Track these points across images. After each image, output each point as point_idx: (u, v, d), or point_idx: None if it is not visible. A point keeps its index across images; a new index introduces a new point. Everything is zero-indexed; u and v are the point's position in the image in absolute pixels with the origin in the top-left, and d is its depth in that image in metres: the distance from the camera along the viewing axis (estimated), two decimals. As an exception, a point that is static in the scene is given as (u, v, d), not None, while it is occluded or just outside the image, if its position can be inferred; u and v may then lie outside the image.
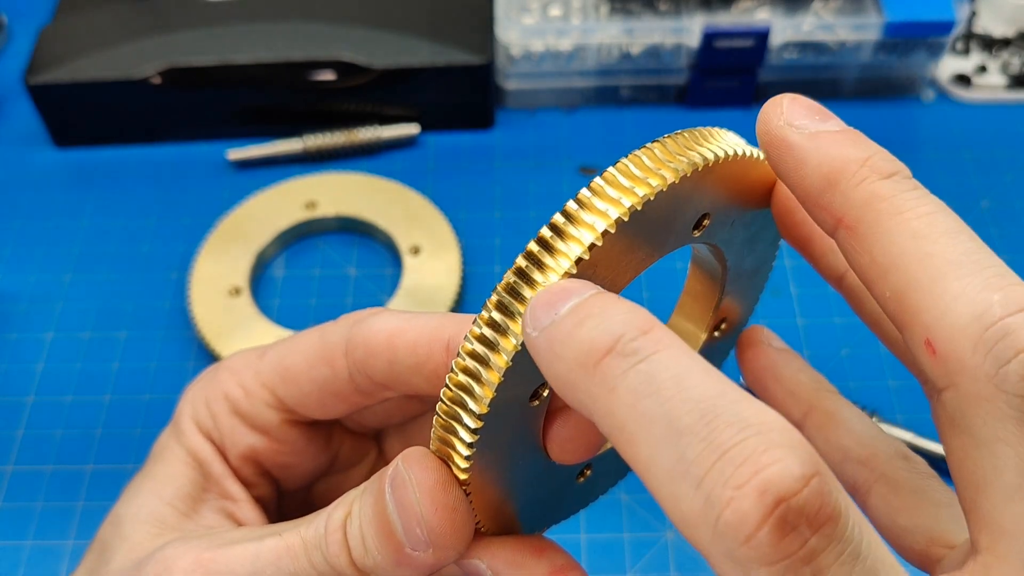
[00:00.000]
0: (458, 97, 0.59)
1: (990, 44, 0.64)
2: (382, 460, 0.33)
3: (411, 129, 0.60)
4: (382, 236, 0.55)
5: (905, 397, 0.47)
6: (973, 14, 0.66)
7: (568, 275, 0.19)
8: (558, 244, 0.19)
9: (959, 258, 0.17)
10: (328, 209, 0.55)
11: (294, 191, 0.56)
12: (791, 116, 0.20)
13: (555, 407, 0.24)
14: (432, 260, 0.53)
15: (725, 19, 0.58)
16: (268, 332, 0.50)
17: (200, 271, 0.52)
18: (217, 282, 0.52)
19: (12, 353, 0.51)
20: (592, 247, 0.19)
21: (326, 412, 0.29)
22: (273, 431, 0.30)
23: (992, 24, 0.66)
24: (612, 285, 0.21)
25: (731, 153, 0.20)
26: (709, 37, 0.57)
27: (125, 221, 0.57)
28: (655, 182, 0.19)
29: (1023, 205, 0.57)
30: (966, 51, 0.64)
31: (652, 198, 0.19)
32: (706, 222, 0.22)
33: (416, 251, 0.53)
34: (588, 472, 0.27)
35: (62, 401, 0.49)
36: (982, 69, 0.63)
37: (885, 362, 0.49)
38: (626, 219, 0.19)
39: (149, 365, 0.50)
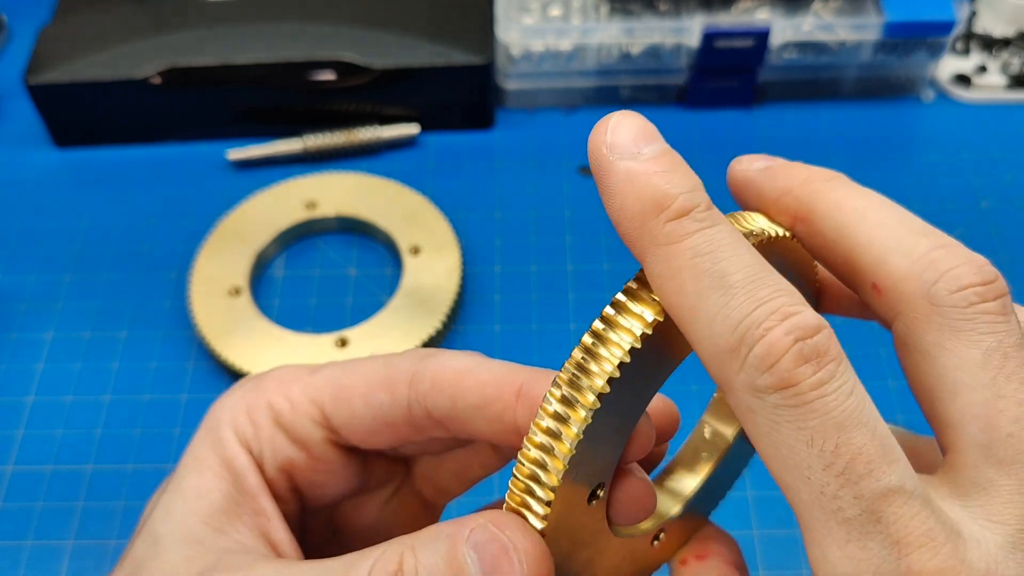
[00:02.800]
0: (458, 97, 0.59)
1: (990, 44, 0.64)
2: (410, 483, 0.33)
3: (411, 129, 0.60)
4: (382, 236, 0.55)
5: (905, 397, 0.47)
6: (973, 14, 0.66)
7: (632, 349, 0.21)
8: (610, 335, 0.21)
9: (887, 221, 0.22)
10: (328, 209, 0.55)
11: (294, 191, 0.56)
12: (749, 163, 0.24)
13: (618, 471, 0.24)
14: (432, 260, 0.53)
15: (725, 19, 0.58)
16: (268, 332, 0.50)
17: (200, 271, 0.52)
18: (217, 282, 0.52)
19: (12, 353, 0.51)
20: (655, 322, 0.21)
21: (372, 441, 0.29)
22: (313, 447, 0.29)
23: (992, 24, 0.66)
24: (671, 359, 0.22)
25: (771, 234, 0.23)
26: (709, 37, 0.57)
27: (125, 221, 0.57)
28: None
29: (1023, 205, 0.57)
30: (966, 51, 0.64)
31: None
32: None
33: (416, 251, 0.53)
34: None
35: (62, 401, 0.49)
36: (982, 69, 0.63)
37: (885, 362, 0.49)
38: None
39: (149, 365, 0.50)
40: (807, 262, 0.25)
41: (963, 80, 0.63)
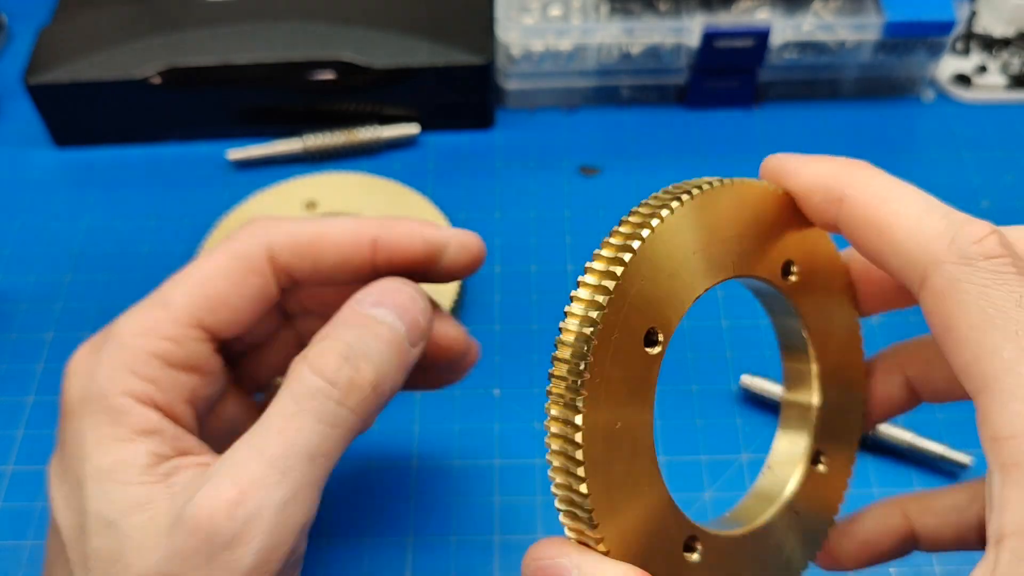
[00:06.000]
0: (458, 97, 0.59)
1: (990, 44, 0.64)
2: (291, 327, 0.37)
3: (411, 129, 0.60)
4: (382, 236, 0.55)
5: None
6: (973, 14, 0.66)
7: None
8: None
9: (919, 195, 0.26)
10: (328, 209, 0.55)
11: (294, 191, 0.56)
12: (784, 156, 0.28)
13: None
14: (432, 260, 0.53)
15: (725, 19, 0.58)
16: (268, 332, 0.50)
17: (200, 271, 0.52)
18: (217, 282, 0.52)
19: (12, 353, 0.51)
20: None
21: (259, 323, 0.33)
22: (204, 364, 0.32)
23: (992, 24, 0.66)
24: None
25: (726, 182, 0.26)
26: (709, 37, 0.57)
27: (125, 221, 0.57)
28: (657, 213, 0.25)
29: (1023, 205, 0.57)
30: (966, 51, 0.64)
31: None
32: (795, 269, 0.28)
33: (416, 251, 0.53)
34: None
35: (62, 401, 0.49)
36: (982, 69, 0.63)
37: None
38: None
39: (149, 365, 0.50)
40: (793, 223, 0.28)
41: (963, 80, 0.63)
